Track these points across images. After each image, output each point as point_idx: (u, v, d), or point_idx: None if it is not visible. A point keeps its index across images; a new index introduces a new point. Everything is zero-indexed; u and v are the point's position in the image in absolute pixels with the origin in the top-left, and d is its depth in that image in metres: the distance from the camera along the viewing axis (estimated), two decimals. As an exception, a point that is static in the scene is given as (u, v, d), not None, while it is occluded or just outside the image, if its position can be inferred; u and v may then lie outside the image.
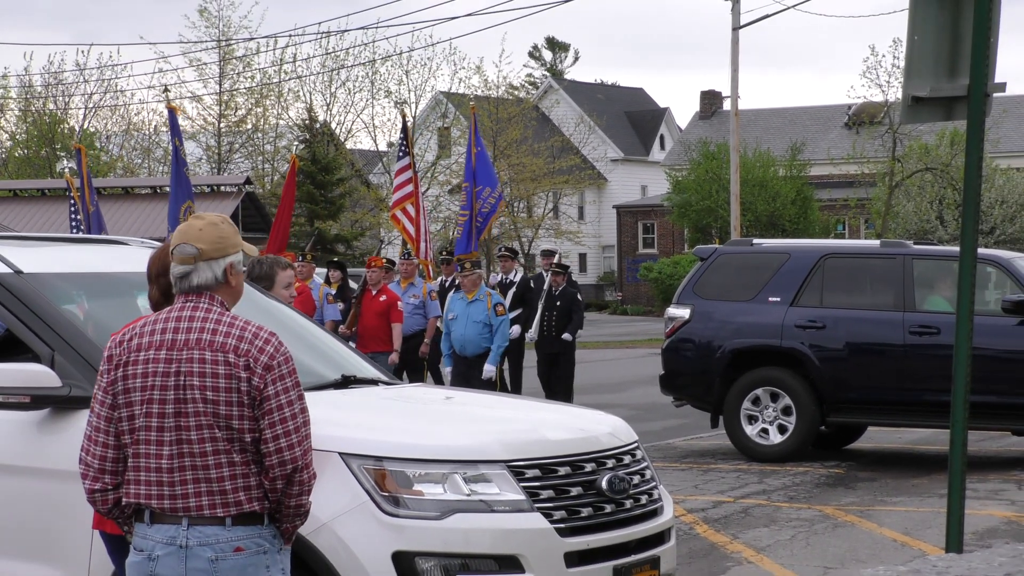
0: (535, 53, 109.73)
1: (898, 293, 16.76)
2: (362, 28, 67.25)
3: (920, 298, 16.75)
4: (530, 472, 7.20)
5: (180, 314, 5.48)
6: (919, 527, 12.88)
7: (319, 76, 63.76)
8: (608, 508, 7.44)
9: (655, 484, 7.93)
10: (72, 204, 23.49)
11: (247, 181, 46.68)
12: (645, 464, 7.91)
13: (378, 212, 59.82)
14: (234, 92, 63.67)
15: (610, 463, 7.56)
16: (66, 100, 62.78)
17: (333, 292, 20.62)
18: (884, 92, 55.65)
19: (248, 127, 63.90)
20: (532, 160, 64.98)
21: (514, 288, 21.43)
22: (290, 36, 62.29)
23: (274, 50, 62.87)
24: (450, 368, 18.33)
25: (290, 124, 63.70)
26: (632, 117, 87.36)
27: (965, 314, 9.85)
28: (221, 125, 63.27)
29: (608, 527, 7.42)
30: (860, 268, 17.35)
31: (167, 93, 30.79)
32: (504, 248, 22.97)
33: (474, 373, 17.84)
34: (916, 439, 19.36)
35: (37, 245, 8.92)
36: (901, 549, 11.93)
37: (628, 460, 7.73)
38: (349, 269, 24.36)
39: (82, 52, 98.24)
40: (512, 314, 20.21)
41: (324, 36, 61.40)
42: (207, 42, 62.61)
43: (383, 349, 18.18)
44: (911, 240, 25.86)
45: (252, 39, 62.07)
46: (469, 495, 7.02)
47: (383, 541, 6.85)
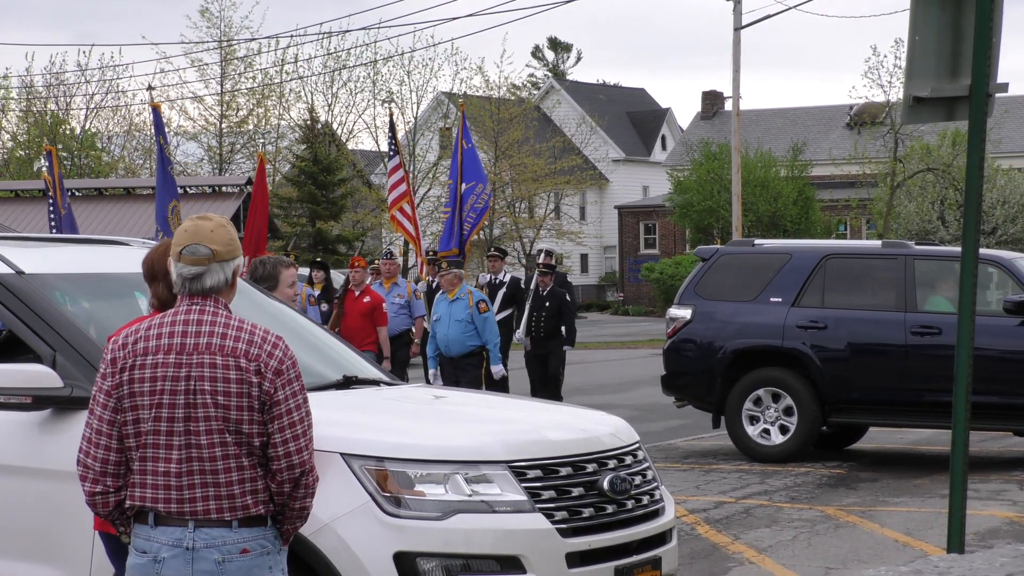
0: (537, 53, 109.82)
1: (900, 293, 16.76)
2: (364, 28, 67.35)
3: (922, 298, 16.75)
4: (531, 472, 7.20)
5: (187, 317, 5.42)
6: (921, 527, 12.87)
7: (320, 76, 63.84)
8: (610, 508, 7.44)
9: (657, 484, 7.93)
10: (51, 203, 22.96)
11: (248, 182, 46.62)
12: (647, 464, 7.91)
13: (379, 212, 59.81)
14: (235, 93, 63.71)
15: (612, 463, 7.56)
16: (67, 101, 62.84)
17: (316, 293, 20.49)
18: (886, 92, 55.66)
19: (249, 128, 63.91)
20: (533, 160, 65.01)
21: (504, 288, 21.22)
22: (291, 36, 62.37)
23: (275, 50, 62.96)
24: (434, 370, 17.96)
25: (291, 125, 63.73)
26: (634, 117, 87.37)
27: (967, 314, 9.84)
28: (223, 126, 63.29)
29: (610, 527, 7.42)
30: (862, 268, 17.34)
31: (151, 91, 30.83)
32: (493, 248, 22.68)
33: (460, 374, 17.52)
34: (917, 439, 19.35)
35: (38, 246, 8.92)
36: (903, 549, 11.92)
37: (630, 460, 7.72)
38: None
39: (83, 52, 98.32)
40: (502, 315, 20.08)
41: (326, 36, 61.48)
42: (209, 42, 62.68)
43: (366, 350, 18.02)
44: (913, 240, 25.86)
45: (253, 39, 62.15)
46: (470, 495, 7.02)
47: (384, 541, 6.84)
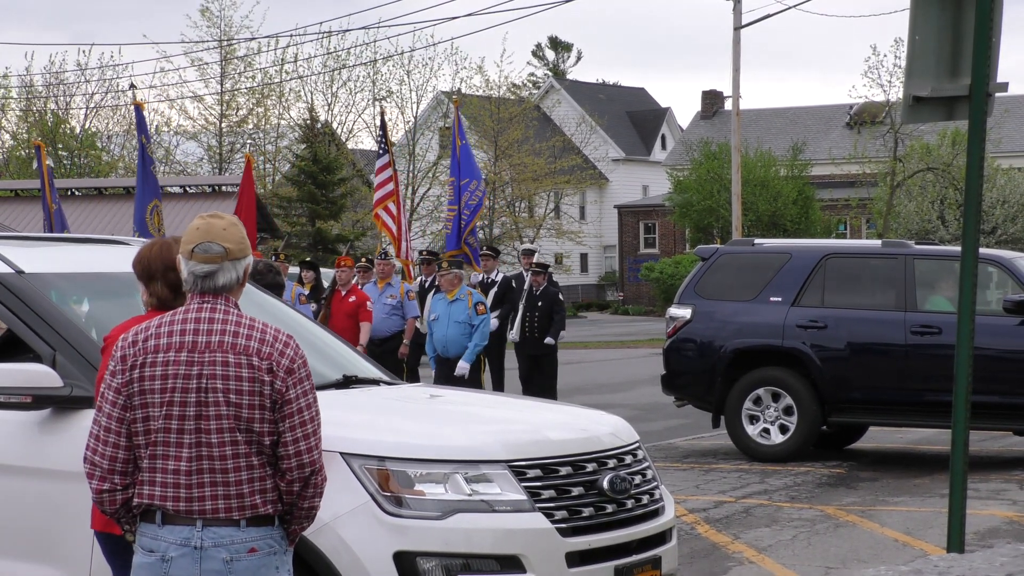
0: (538, 52, 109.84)
1: (899, 293, 16.76)
2: (363, 28, 67.39)
3: (921, 298, 16.75)
4: (531, 472, 7.20)
5: (199, 315, 5.40)
6: (921, 527, 12.87)
7: (320, 76, 63.82)
8: (609, 508, 7.44)
9: (656, 484, 7.93)
10: (45, 201, 22.71)
11: (248, 181, 46.57)
12: (646, 464, 7.91)
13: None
14: (235, 92, 63.71)
15: (611, 463, 7.56)
16: (67, 100, 62.82)
17: (306, 292, 20.44)
18: (885, 92, 55.66)
19: (249, 127, 63.90)
20: (533, 160, 65.00)
21: (495, 288, 21.10)
22: (291, 36, 62.47)
23: (275, 50, 62.93)
24: (436, 369, 17.91)
25: (291, 124, 63.72)
26: (634, 117, 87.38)
27: (966, 314, 9.84)
28: (222, 125, 63.28)
29: (609, 527, 7.42)
30: (862, 268, 17.34)
31: (133, 89, 30.69)
32: (486, 247, 22.54)
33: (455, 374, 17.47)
34: (917, 439, 19.35)
35: (38, 245, 8.92)
36: (903, 549, 11.92)
37: (629, 460, 7.73)
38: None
39: (83, 52, 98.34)
40: (493, 314, 20.01)
41: (325, 36, 61.47)
42: (209, 42, 62.67)
43: None
44: (912, 240, 25.85)
45: (253, 39, 62.10)
46: (470, 495, 7.02)
47: (384, 541, 6.85)
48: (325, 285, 21.25)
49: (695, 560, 11.49)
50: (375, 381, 8.58)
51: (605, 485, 7.41)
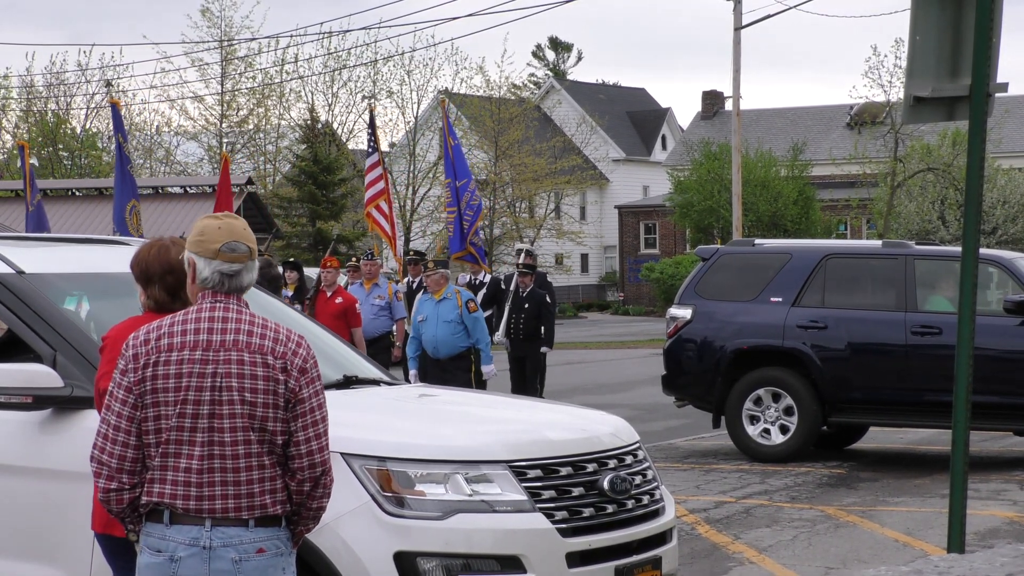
0: (538, 53, 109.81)
1: (900, 293, 16.76)
2: (364, 28, 67.38)
3: (922, 298, 16.74)
4: (532, 472, 7.20)
5: (212, 314, 5.41)
6: (921, 527, 12.87)
7: (321, 76, 63.85)
8: (610, 508, 7.45)
9: (657, 484, 7.93)
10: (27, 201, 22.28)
11: (249, 181, 46.67)
12: (647, 464, 7.91)
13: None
14: (236, 92, 63.72)
15: (612, 463, 7.56)
16: (68, 100, 62.83)
17: (289, 293, 20.33)
18: (886, 92, 55.62)
19: (250, 127, 63.92)
20: (534, 160, 65.02)
21: (484, 289, 20.87)
22: (292, 36, 62.39)
23: (276, 50, 62.99)
24: (414, 371, 17.30)
25: (292, 124, 63.73)
26: (634, 117, 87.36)
27: (967, 314, 9.85)
28: (223, 125, 63.29)
29: (610, 527, 7.43)
30: (862, 268, 17.34)
31: (109, 87, 30.49)
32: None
33: (449, 376, 16.82)
34: (918, 439, 19.35)
35: (39, 245, 8.93)
36: (903, 549, 11.92)
37: (630, 460, 7.73)
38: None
39: (84, 52, 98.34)
40: (483, 314, 19.83)
41: (326, 36, 61.49)
42: (209, 42, 62.69)
43: None
44: (913, 240, 25.85)
45: (254, 39, 62.15)
46: (471, 495, 7.02)
47: (385, 541, 6.85)
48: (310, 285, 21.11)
49: (695, 560, 11.49)
50: (375, 381, 8.59)
51: (606, 485, 7.41)
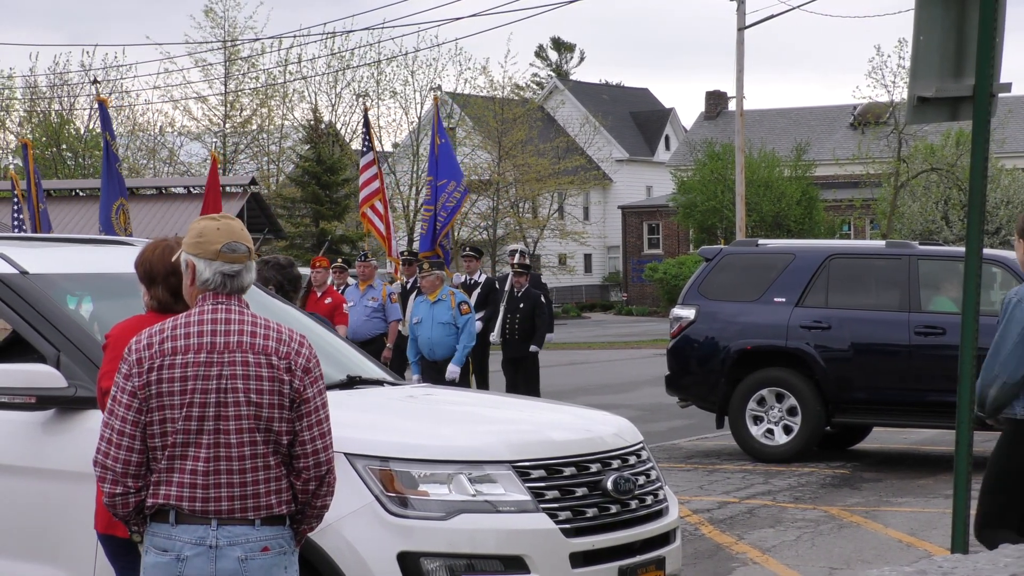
0: (541, 53, 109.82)
1: (903, 294, 16.75)
2: (367, 28, 67.30)
3: (925, 298, 16.73)
4: (535, 472, 7.20)
5: (215, 316, 5.41)
6: (924, 528, 12.87)
7: (324, 77, 63.85)
8: (613, 508, 7.44)
9: (660, 485, 7.93)
10: (15, 203, 21.73)
11: (252, 182, 46.69)
12: (650, 464, 7.91)
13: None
14: (239, 93, 63.73)
15: (615, 463, 7.56)
16: (71, 101, 62.86)
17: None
18: (889, 92, 55.60)
19: (253, 128, 63.93)
20: (537, 161, 64.99)
21: (479, 289, 20.85)
22: (295, 37, 62.26)
23: (279, 51, 63.00)
24: (417, 375, 17.31)
25: (295, 125, 63.74)
26: (637, 118, 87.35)
27: (970, 314, 9.82)
28: (226, 126, 63.31)
29: (613, 527, 7.43)
30: (865, 269, 17.33)
31: (96, 85, 30.46)
32: (469, 248, 22.14)
33: (444, 377, 16.99)
34: (921, 440, 19.34)
35: (42, 245, 8.93)
36: (906, 550, 11.92)
37: (633, 460, 7.73)
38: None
39: (87, 53, 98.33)
40: (476, 315, 19.74)
41: (329, 36, 61.49)
42: (213, 43, 62.71)
43: None
44: (916, 241, 25.84)
45: (257, 40, 62.13)
46: (474, 495, 7.02)
47: (388, 542, 6.85)
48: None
49: (699, 561, 11.49)
50: (379, 382, 8.59)
51: (609, 486, 7.41)
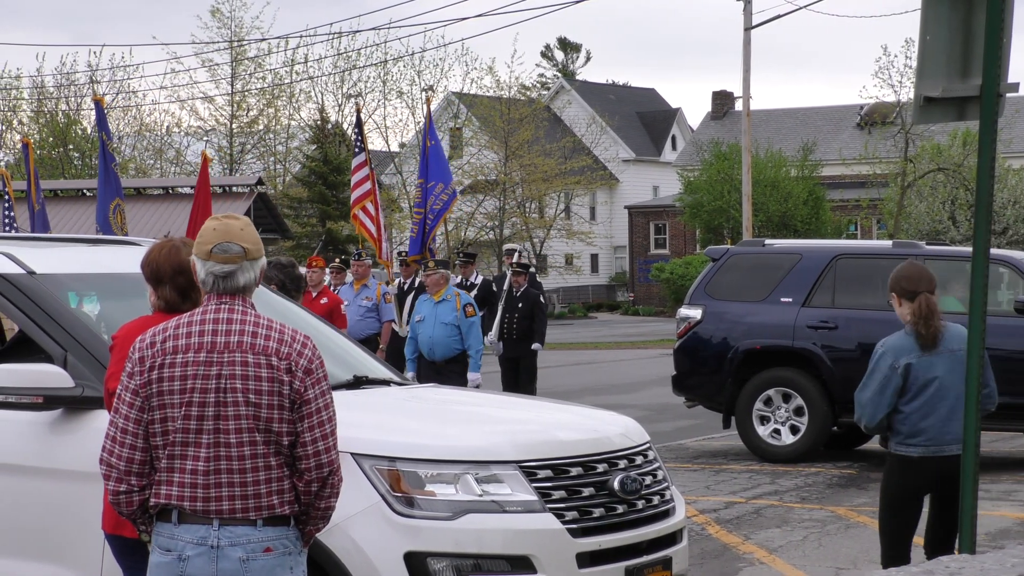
0: (547, 53, 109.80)
1: (910, 294, 16.71)
2: (374, 29, 67.36)
3: (932, 298, 16.69)
4: (542, 473, 7.20)
5: (217, 316, 5.41)
6: (932, 528, 12.83)
7: (331, 77, 63.87)
8: (620, 509, 7.44)
9: (667, 485, 7.93)
10: (7, 202, 21.08)
11: (259, 182, 46.74)
12: (657, 465, 7.91)
13: (390, 213, 59.82)
14: (246, 93, 63.77)
15: (622, 464, 7.56)
16: (78, 101, 62.90)
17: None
18: (896, 92, 55.58)
19: (260, 128, 63.98)
20: (544, 161, 65.00)
21: (475, 291, 20.67)
22: (302, 37, 62.36)
23: (286, 51, 63.04)
24: (411, 373, 16.80)
25: (302, 125, 63.78)
26: (644, 118, 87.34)
27: (978, 314, 9.82)
28: (233, 126, 63.35)
29: (620, 528, 7.43)
30: (872, 268, 17.30)
31: (94, 84, 30.30)
32: (463, 252, 22.00)
33: (444, 379, 16.16)
34: (928, 440, 19.29)
35: (49, 245, 8.93)
36: (914, 550, 11.88)
37: (640, 461, 7.73)
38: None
39: (94, 53, 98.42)
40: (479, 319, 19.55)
41: (336, 37, 61.52)
42: (219, 43, 62.75)
43: None
44: (923, 240, 25.82)
45: (264, 40, 62.20)
46: (481, 495, 7.02)
47: (395, 542, 6.85)
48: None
49: (706, 561, 11.48)
50: (385, 382, 8.59)
51: (616, 486, 7.41)
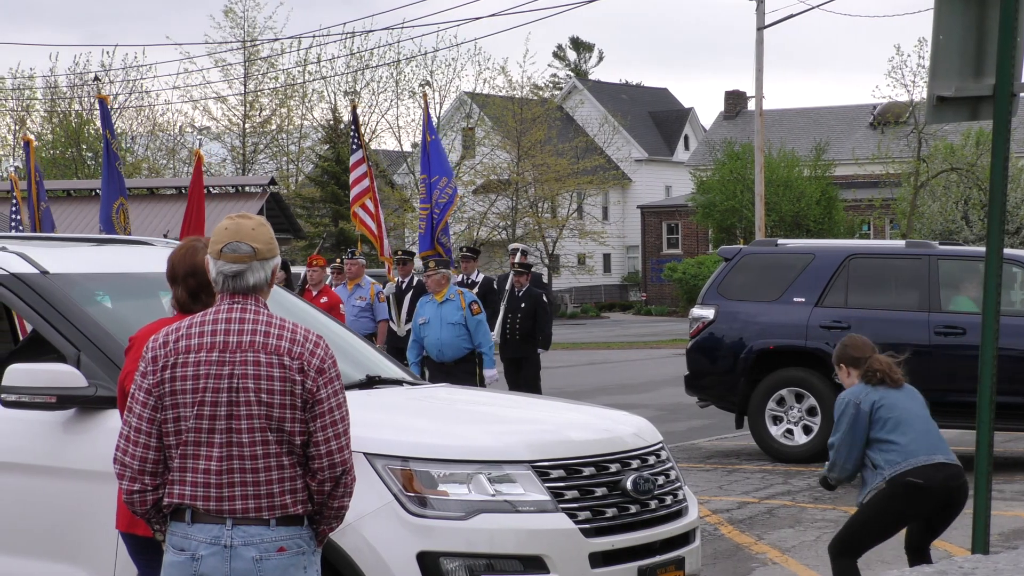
0: (559, 53, 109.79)
1: (923, 293, 16.71)
2: (387, 28, 67.43)
3: (945, 299, 16.70)
4: (555, 472, 7.20)
5: (229, 316, 5.42)
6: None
7: (343, 76, 63.93)
8: (633, 508, 7.44)
9: (680, 485, 7.93)
10: (13, 203, 20.72)
11: (271, 182, 46.80)
12: (670, 465, 7.91)
13: (402, 212, 59.92)
14: (259, 93, 63.85)
15: (635, 464, 7.56)
16: (91, 101, 63.00)
17: None
18: (909, 92, 55.50)
19: (272, 128, 64.07)
20: (556, 160, 65.00)
21: (476, 289, 20.58)
22: (314, 37, 62.44)
23: (299, 51, 63.12)
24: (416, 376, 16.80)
25: (314, 125, 63.86)
26: (656, 117, 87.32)
27: (991, 314, 9.81)
28: (246, 126, 63.44)
29: (633, 528, 7.42)
30: (885, 268, 17.30)
31: (98, 82, 30.12)
32: (465, 248, 21.90)
33: (455, 379, 15.87)
34: (941, 440, 19.26)
35: (63, 245, 8.95)
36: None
37: (653, 461, 7.72)
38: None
39: (107, 53, 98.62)
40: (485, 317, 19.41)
41: (349, 37, 61.58)
42: (232, 43, 62.86)
43: None
44: (936, 240, 25.80)
45: (277, 40, 62.30)
46: (494, 495, 7.02)
47: (408, 541, 6.85)
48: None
49: (719, 561, 11.48)
50: (398, 381, 8.60)
51: (628, 486, 7.41)
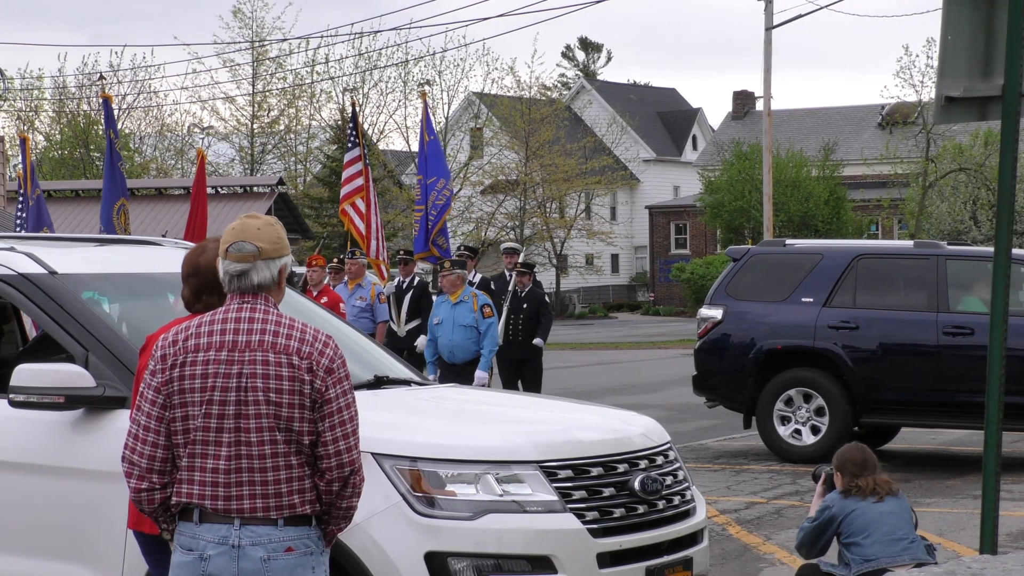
0: (568, 53, 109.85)
1: (932, 294, 16.69)
2: (395, 29, 67.40)
3: (954, 299, 16.68)
4: (562, 473, 7.20)
5: (239, 315, 5.42)
6: (953, 528, 12.83)
7: (351, 77, 63.95)
8: (641, 509, 7.44)
9: (688, 485, 7.92)
10: (20, 202, 20.66)
11: (280, 182, 46.78)
12: (678, 465, 7.90)
13: (410, 212, 59.84)
14: (267, 93, 63.89)
15: (643, 464, 7.56)
16: (100, 101, 63.08)
17: None
18: (917, 92, 55.51)
19: (281, 128, 64.09)
20: (564, 160, 65.04)
21: (473, 287, 20.45)
22: (323, 37, 62.43)
23: (307, 51, 63.14)
24: (433, 376, 16.41)
25: (323, 125, 63.88)
26: (664, 117, 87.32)
27: (999, 315, 9.79)
28: (254, 126, 63.47)
29: (641, 528, 7.42)
30: (893, 269, 17.28)
31: (102, 81, 30.05)
32: (463, 247, 21.83)
33: (465, 381, 16.14)
34: (950, 440, 19.28)
35: (71, 246, 8.96)
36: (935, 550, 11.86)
37: (661, 461, 7.72)
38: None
39: (115, 53, 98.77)
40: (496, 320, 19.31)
41: (357, 37, 61.60)
42: (241, 43, 62.91)
43: None
44: (945, 241, 25.79)
45: (285, 40, 62.32)
46: (502, 495, 7.02)
47: (416, 541, 6.85)
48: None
49: (726, 561, 11.47)
50: (406, 382, 8.60)
51: (636, 486, 7.41)
